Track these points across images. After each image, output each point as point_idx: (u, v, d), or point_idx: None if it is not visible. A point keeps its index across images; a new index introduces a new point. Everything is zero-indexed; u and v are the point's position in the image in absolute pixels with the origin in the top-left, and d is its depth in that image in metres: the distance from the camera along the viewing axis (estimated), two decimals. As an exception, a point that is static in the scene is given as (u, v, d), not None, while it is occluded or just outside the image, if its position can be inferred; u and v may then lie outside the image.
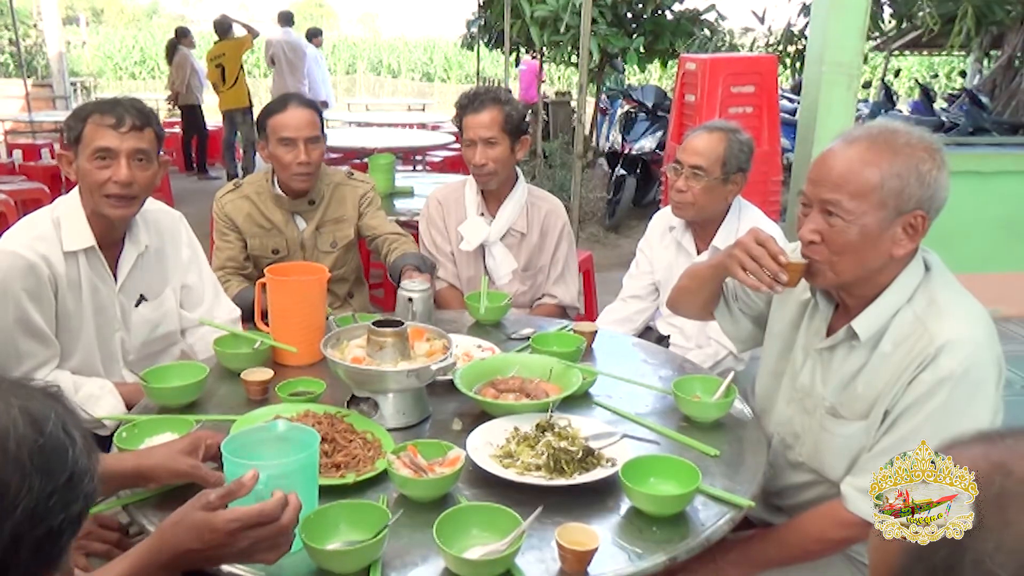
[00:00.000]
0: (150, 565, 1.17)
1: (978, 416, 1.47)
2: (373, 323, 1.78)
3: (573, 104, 11.35)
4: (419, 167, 7.55)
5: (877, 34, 8.78)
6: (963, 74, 13.97)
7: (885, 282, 1.57)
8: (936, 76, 17.77)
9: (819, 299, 1.71)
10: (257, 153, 9.68)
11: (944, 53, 13.88)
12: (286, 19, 9.88)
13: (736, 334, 1.99)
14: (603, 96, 11.06)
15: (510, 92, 2.76)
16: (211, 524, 1.16)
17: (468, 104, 2.64)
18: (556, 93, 12.10)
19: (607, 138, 10.36)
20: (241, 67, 9.11)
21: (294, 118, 2.61)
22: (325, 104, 9.97)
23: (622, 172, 7.53)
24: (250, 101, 9.21)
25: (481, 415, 1.78)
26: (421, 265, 2.61)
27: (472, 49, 12.64)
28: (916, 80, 16.04)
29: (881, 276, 1.56)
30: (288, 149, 2.61)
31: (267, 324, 2.13)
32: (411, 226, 3.70)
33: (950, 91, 14.39)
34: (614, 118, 10.83)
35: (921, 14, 6.75)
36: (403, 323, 1.79)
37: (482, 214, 2.75)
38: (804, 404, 1.73)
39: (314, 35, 11.03)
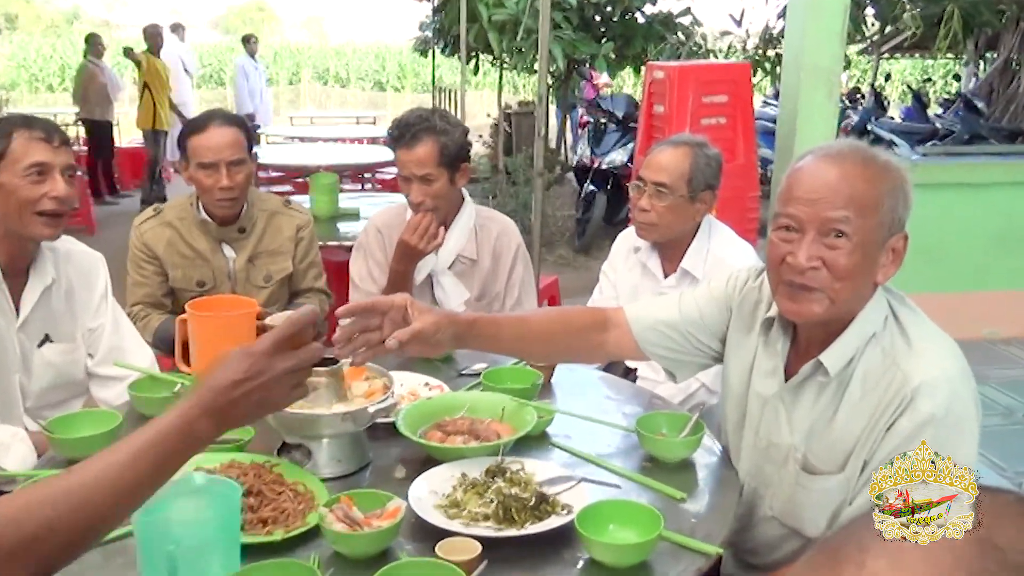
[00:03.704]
0: (195, 411, 1.20)
1: (965, 456, 1.49)
2: (305, 361, 1.78)
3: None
4: (368, 186, 7.55)
5: (860, 37, 8.98)
6: (957, 77, 14.33)
7: (855, 313, 1.58)
8: (929, 80, 18.20)
9: (776, 337, 1.70)
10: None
11: (937, 56, 14.24)
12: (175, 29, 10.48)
13: (680, 366, 1.95)
14: (580, 108, 11.19)
15: (446, 115, 2.75)
16: (248, 349, 1.25)
17: (400, 137, 2.63)
18: (519, 103, 12.19)
19: (575, 151, 10.45)
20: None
21: (214, 139, 2.59)
22: (251, 117, 9.99)
23: (591, 188, 7.60)
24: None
25: (427, 460, 1.79)
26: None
27: (426, 56, 12.72)
28: (908, 85, 16.42)
29: (856, 307, 1.58)
30: (208, 173, 2.60)
31: (189, 365, 2.12)
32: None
33: (945, 96, 14.75)
34: (574, 127, 11.00)
35: (905, 16, 6.92)
36: (338, 360, 1.79)
37: None
38: (770, 454, 1.73)
39: (246, 41, 11.03)
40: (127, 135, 11.64)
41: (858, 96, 13.18)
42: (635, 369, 2.71)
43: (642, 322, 1.88)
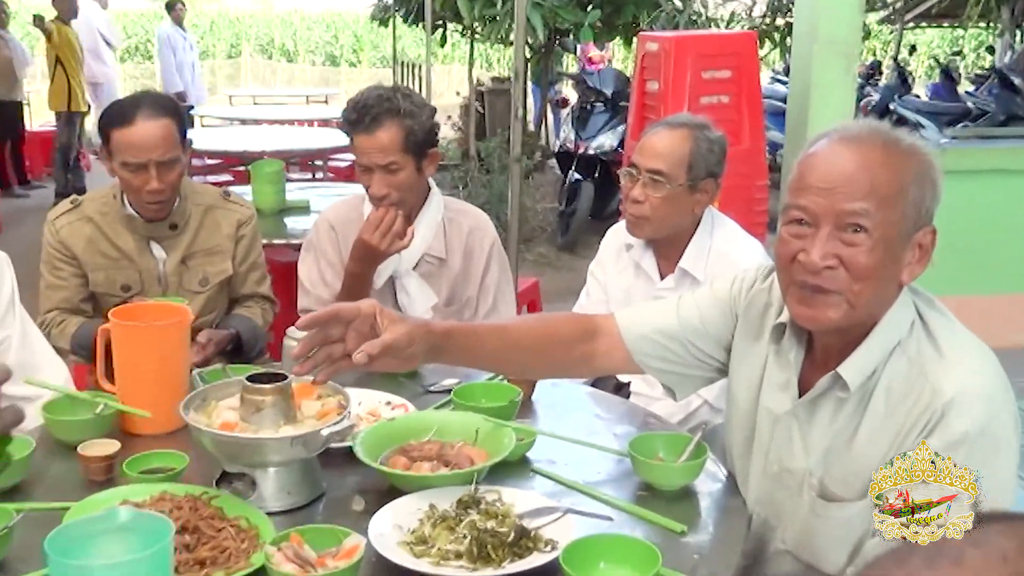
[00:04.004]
0: None
1: (1002, 479, 1.51)
2: (248, 377, 1.78)
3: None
4: (320, 174, 7.53)
5: (881, 3, 9.06)
6: (991, 50, 14.50)
7: (877, 317, 1.60)
8: (959, 53, 18.37)
9: (789, 346, 1.71)
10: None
11: (969, 25, 14.37)
12: None
13: (680, 382, 1.96)
14: (559, 85, 11.20)
15: (411, 94, 2.73)
16: None
17: (358, 121, 2.60)
18: (493, 79, 12.21)
19: (557, 134, 10.48)
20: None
21: (142, 135, 2.54)
22: (181, 97, 9.95)
23: (576, 177, 7.62)
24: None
25: (390, 491, 1.79)
26: (243, 338, 2.69)
27: (386, 25, 12.70)
28: (935, 58, 16.59)
29: (878, 310, 1.60)
30: (135, 174, 2.57)
31: (112, 382, 2.10)
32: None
33: (977, 71, 14.91)
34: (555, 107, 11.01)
35: (933, -21, 6.99)
36: (287, 376, 1.79)
37: None
38: (782, 479, 1.74)
39: (170, 7, 10.96)
40: (39, 117, 11.54)
41: (878, 71, 13.30)
42: (628, 384, 2.72)
43: (635, 330, 1.88)
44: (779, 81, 11.21)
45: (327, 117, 9.56)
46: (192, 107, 10.40)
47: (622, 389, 2.71)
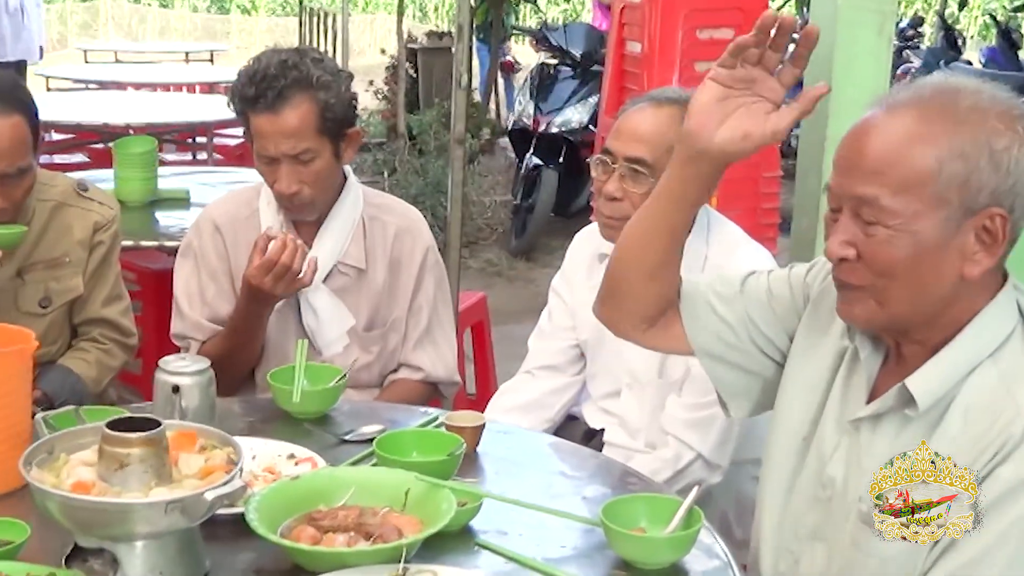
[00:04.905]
0: None
1: None
2: (108, 424, 1.77)
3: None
4: (203, 155, 7.49)
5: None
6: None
7: (962, 320, 1.63)
8: (1022, 8, 18.68)
9: (860, 345, 1.76)
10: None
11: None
12: None
13: (735, 384, 2.00)
14: (508, 44, 11.22)
15: (322, 58, 2.72)
16: None
17: (257, 97, 2.58)
18: (429, 34, 12.23)
19: (511, 107, 10.51)
20: None
21: None
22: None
23: (536, 162, 7.63)
24: None
25: (293, 571, 1.79)
26: (54, 404, 2.51)
27: (291, -38, 12.69)
28: (991, 15, 16.87)
29: (955, 310, 1.63)
30: None
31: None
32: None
33: (1044, 31, 15.18)
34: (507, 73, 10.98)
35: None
36: (159, 423, 1.78)
37: None
38: (831, 508, 1.77)
39: None
40: None
41: (919, 30, 13.50)
42: (600, 432, 2.73)
43: (692, 292, 1.95)
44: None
45: (212, 80, 9.52)
46: (20, 63, 10.23)
47: (593, 439, 2.72)
